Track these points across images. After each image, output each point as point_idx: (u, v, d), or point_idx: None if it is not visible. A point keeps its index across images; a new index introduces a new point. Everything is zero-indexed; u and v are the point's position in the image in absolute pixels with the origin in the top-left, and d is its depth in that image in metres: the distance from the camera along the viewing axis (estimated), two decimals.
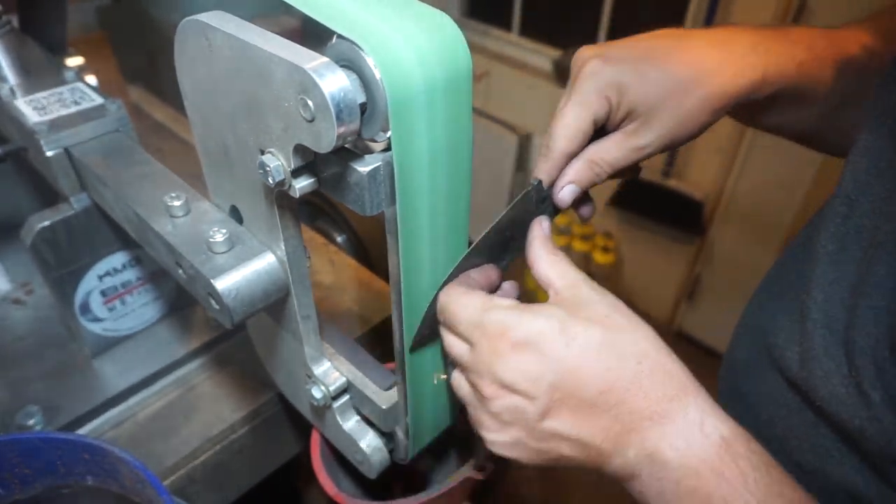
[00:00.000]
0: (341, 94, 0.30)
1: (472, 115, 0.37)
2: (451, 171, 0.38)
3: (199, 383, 0.68)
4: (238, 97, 0.36)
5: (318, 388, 0.51)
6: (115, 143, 0.57)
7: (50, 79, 0.62)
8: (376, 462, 0.52)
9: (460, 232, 0.41)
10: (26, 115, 0.56)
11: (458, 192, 0.39)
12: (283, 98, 0.32)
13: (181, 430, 0.63)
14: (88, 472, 0.49)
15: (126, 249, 0.64)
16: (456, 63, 0.34)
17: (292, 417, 0.68)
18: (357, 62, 0.32)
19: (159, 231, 0.46)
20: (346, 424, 0.53)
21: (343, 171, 0.35)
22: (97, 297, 0.64)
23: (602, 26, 2.01)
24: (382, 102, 0.32)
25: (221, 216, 0.47)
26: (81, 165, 0.56)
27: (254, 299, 0.43)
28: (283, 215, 0.41)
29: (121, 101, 0.59)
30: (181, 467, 0.60)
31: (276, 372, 0.59)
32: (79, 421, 0.62)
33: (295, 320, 0.47)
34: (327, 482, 0.56)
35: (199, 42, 0.36)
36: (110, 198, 0.53)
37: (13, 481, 0.48)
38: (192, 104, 0.42)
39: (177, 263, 0.45)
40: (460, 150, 0.37)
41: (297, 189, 0.37)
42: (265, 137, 0.36)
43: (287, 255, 0.43)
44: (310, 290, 0.47)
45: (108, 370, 0.66)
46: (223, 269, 0.42)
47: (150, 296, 0.69)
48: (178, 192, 0.48)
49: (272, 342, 0.54)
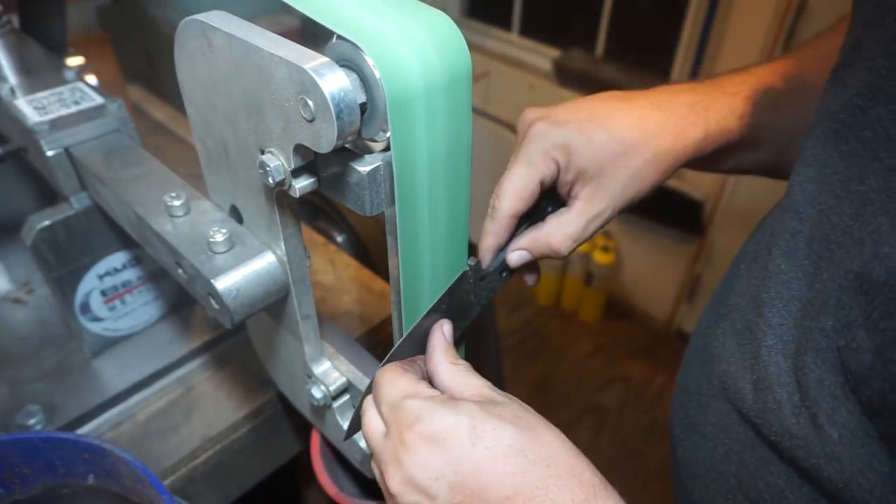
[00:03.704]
0: (341, 94, 0.30)
1: (472, 114, 0.37)
2: (451, 171, 0.38)
3: (199, 383, 0.68)
4: (238, 97, 0.36)
5: (319, 388, 0.51)
6: (115, 143, 0.57)
7: (50, 78, 0.62)
8: None
9: (460, 232, 0.41)
10: (26, 114, 0.56)
11: (457, 192, 0.39)
12: (284, 98, 0.32)
13: (181, 429, 0.63)
14: (88, 472, 0.49)
15: (126, 249, 0.64)
16: (456, 63, 0.34)
17: (292, 417, 0.68)
18: (357, 62, 0.32)
19: (159, 231, 0.46)
20: (346, 424, 0.53)
21: (343, 171, 0.35)
22: (97, 297, 0.64)
23: (602, 26, 2.01)
24: (382, 102, 0.32)
25: (221, 216, 0.47)
26: (81, 165, 0.56)
27: (254, 299, 0.43)
28: (283, 215, 0.41)
29: (121, 101, 0.59)
30: (181, 467, 0.60)
31: (276, 372, 0.59)
32: (79, 421, 0.62)
33: (295, 320, 0.47)
34: (327, 482, 0.56)
35: (199, 42, 0.36)
36: (110, 198, 0.53)
37: (13, 481, 0.48)
38: (192, 104, 0.42)
39: (177, 263, 0.45)
40: (460, 150, 0.37)
41: (297, 189, 0.37)
42: (265, 137, 0.36)
43: (287, 255, 0.43)
44: (310, 290, 0.47)
45: (108, 370, 0.66)
46: (223, 268, 0.42)
47: (150, 295, 0.69)
48: (178, 191, 0.48)
49: (272, 342, 0.54)
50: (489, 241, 0.45)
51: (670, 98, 0.46)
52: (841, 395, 0.32)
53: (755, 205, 1.83)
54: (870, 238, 0.31)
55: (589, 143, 0.43)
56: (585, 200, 0.44)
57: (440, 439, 0.34)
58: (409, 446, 0.35)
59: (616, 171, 0.44)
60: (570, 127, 0.44)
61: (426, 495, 0.34)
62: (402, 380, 0.38)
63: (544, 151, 0.43)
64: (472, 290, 0.45)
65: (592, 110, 0.45)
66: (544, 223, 0.46)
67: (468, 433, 0.34)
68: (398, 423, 0.36)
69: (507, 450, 0.33)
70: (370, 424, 0.39)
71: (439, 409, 0.35)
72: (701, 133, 0.45)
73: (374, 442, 0.38)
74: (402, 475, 0.35)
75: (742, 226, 1.88)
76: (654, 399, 2.02)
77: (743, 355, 0.40)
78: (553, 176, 0.44)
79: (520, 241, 0.46)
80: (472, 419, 0.34)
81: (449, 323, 0.43)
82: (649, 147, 0.44)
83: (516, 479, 0.33)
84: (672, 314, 2.18)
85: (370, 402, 0.40)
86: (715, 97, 0.46)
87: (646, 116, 0.45)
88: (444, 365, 0.40)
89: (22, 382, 0.64)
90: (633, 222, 2.15)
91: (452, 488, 0.34)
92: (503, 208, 0.44)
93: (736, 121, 0.46)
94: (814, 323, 0.34)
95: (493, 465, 0.33)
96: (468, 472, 0.33)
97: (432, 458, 0.34)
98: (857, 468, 0.32)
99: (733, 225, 1.90)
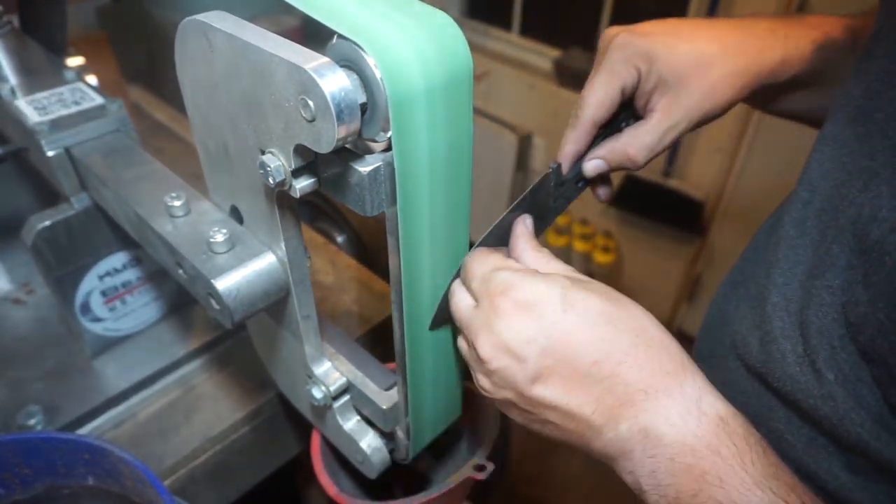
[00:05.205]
0: (342, 94, 0.30)
1: (472, 114, 0.37)
2: (452, 172, 0.38)
3: (200, 383, 0.68)
4: (238, 97, 0.36)
5: (319, 388, 0.51)
6: (115, 143, 0.57)
7: (50, 79, 0.62)
8: (377, 462, 0.52)
9: (461, 232, 0.41)
10: (27, 115, 0.56)
11: (458, 192, 0.39)
12: (284, 98, 0.32)
13: (181, 430, 0.63)
14: (89, 472, 0.49)
15: (126, 249, 0.64)
16: (456, 63, 0.34)
17: (292, 417, 0.68)
18: (357, 62, 0.32)
19: (159, 231, 0.46)
20: (347, 424, 0.53)
21: (343, 172, 0.35)
22: (97, 297, 0.64)
23: (602, 26, 2.01)
24: (383, 102, 0.32)
25: (221, 216, 0.47)
26: (82, 165, 0.56)
27: (254, 299, 0.43)
28: (284, 215, 0.41)
29: (121, 101, 0.59)
30: (181, 467, 0.60)
31: (276, 372, 0.59)
32: (79, 421, 0.62)
33: (295, 320, 0.47)
34: (328, 482, 0.56)
35: (200, 42, 0.36)
36: (110, 198, 0.53)
37: (13, 481, 0.48)
38: (193, 104, 0.42)
39: (177, 263, 0.45)
40: (461, 150, 0.37)
41: (297, 189, 0.37)
42: (265, 137, 0.36)
43: (287, 255, 0.43)
44: (310, 290, 0.47)
45: (108, 370, 0.66)
46: (223, 269, 0.42)
47: (150, 296, 0.69)
48: (178, 191, 0.48)
49: (272, 342, 0.54)
50: (569, 148, 0.46)
51: (752, 22, 0.47)
52: (839, 344, 0.35)
53: (755, 205, 1.83)
54: (870, 203, 0.33)
55: (671, 53, 0.44)
56: (663, 111, 0.45)
57: (532, 304, 0.35)
58: (502, 312, 0.36)
59: (694, 83, 0.44)
60: (654, 37, 0.45)
61: (517, 359, 0.35)
62: (491, 257, 0.40)
63: (627, 59, 0.44)
64: (552, 194, 0.45)
65: (675, 25, 0.46)
66: (622, 133, 0.47)
67: (560, 300, 0.35)
68: (490, 293, 0.37)
69: (597, 318, 0.35)
70: (460, 301, 0.40)
71: (531, 278, 0.37)
72: (779, 56, 0.45)
73: (464, 314, 0.39)
74: (494, 339, 0.36)
75: (742, 226, 1.88)
76: None
77: (753, 316, 0.42)
78: (634, 84, 0.45)
79: (598, 151, 0.47)
80: (564, 288, 0.36)
81: (530, 217, 0.44)
82: (728, 62, 0.44)
83: (604, 345, 0.34)
84: (672, 314, 2.18)
85: (458, 283, 0.42)
86: (796, 27, 0.47)
87: (727, 34, 0.45)
88: (528, 251, 0.41)
89: (22, 382, 0.64)
90: (633, 222, 2.14)
91: (544, 352, 0.35)
92: (585, 116, 0.45)
93: (813, 52, 0.46)
94: (819, 282, 0.36)
95: (584, 330, 0.35)
96: (559, 337, 0.35)
97: (525, 322, 0.35)
98: (849, 405, 0.34)
99: (733, 225, 1.90)
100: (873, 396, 0.34)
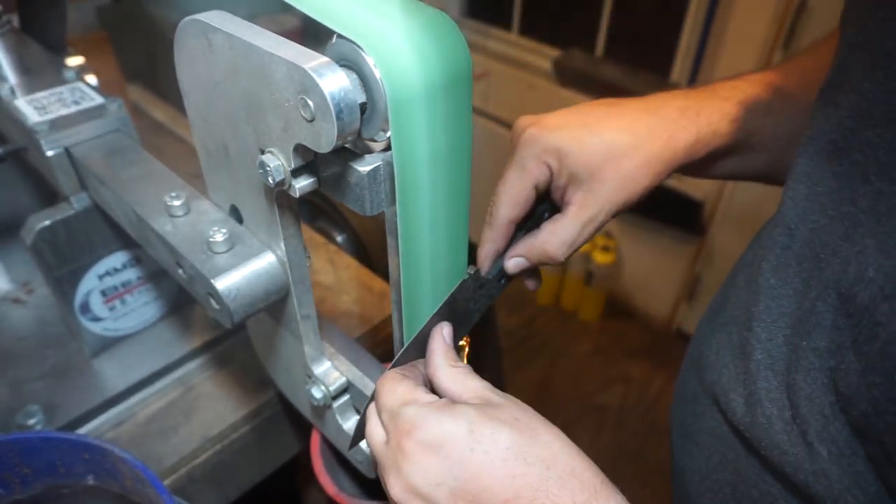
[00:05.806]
0: (341, 94, 0.30)
1: (472, 114, 0.37)
2: (452, 171, 0.37)
3: (199, 383, 0.68)
4: (238, 97, 0.36)
5: (318, 388, 0.51)
6: (115, 143, 0.57)
7: (50, 78, 0.62)
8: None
9: (461, 232, 0.41)
10: (26, 114, 0.56)
11: (458, 192, 0.39)
12: (284, 98, 0.32)
13: (181, 429, 0.63)
14: (89, 472, 0.49)
15: (126, 249, 0.64)
16: (456, 63, 0.34)
17: (292, 417, 0.68)
18: (357, 62, 0.32)
19: (159, 231, 0.46)
20: (346, 424, 0.53)
21: (343, 171, 0.35)
22: (97, 297, 0.64)
23: (602, 26, 2.01)
24: (382, 102, 0.32)
25: (221, 216, 0.47)
26: (81, 165, 0.56)
27: (254, 299, 0.43)
28: (283, 215, 0.41)
29: (121, 101, 0.59)
30: (181, 467, 0.60)
31: (276, 372, 0.59)
32: (79, 421, 0.62)
33: (295, 320, 0.47)
34: (327, 482, 0.56)
35: (199, 42, 0.36)
36: (110, 197, 0.53)
37: (13, 481, 0.48)
38: (192, 104, 0.42)
39: (177, 263, 0.45)
40: (460, 150, 0.37)
41: (297, 189, 0.37)
42: (265, 137, 0.36)
43: (287, 255, 0.43)
44: (310, 289, 0.47)
45: (108, 370, 0.66)
46: (223, 268, 0.42)
47: (150, 295, 0.69)
48: (177, 191, 0.48)
49: (272, 342, 0.54)
50: (487, 248, 0.45)
51: (662, 103, 0.46)
52: (830, 413, 0.32)
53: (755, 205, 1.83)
54: (855, 259, 0.31)
55: (580, 148, 0.43)
56: (578, 205, 0.44)
57: (438, 446, 0.34)
58: (408, 454, 0.35)
59: (607, 176, 0.44)
60: (562, 132, 0.44)
61: (428, 502, 0.34)
62: (400, 387, 0.38)
63: (536, 156, 0.44)
64: (472, 298, 0.45)
65: (584, 116, 0.45)
66: (540, 230, 0.46)
67: (466, 438, 0.34)
68: (397, 432, 0.36)
69: (506, 453, 0.33)
70: (372, 432, 0.39)
71: (436, 416, 0.35)
72: (692, 136, 0.45)
73: (377, 449, 0.38)
74: (403, 483, 0.35)
75: (742, 226, 1.88)
76: (654, 399, 2.02)
77: (735, 368, 0.40)
78: (546, 181, 0.45)
79: (517, 249, 0.46)
80: (470, 424, 0.34)
81: (449, 326, 0.43)
82: (640, 151, 0.44)
83: (516, 481, 0.33)
84: (672, 314, 2.18)
85: (372, 410, 0.40)
86: (706, 102, 0.46)
87: (637, 120, 0.45)
88: (444, 368, 0.40)
89: (22, 382, 0.64)
90: (633, 222, 2.15)
91: (454, 494, 0.34)
92: (499, 215, 0.44)
93: (728, 125, 0.46)
94: (805, 342, 0.34)
95: (493, 468, 0.33)
96: (468, 477, 0.33)
97: (432, 465, 0.34)
98: (844, 485, 0.32)
99: (733, 225, 1.90)
100: (872, 475, 0.31)
